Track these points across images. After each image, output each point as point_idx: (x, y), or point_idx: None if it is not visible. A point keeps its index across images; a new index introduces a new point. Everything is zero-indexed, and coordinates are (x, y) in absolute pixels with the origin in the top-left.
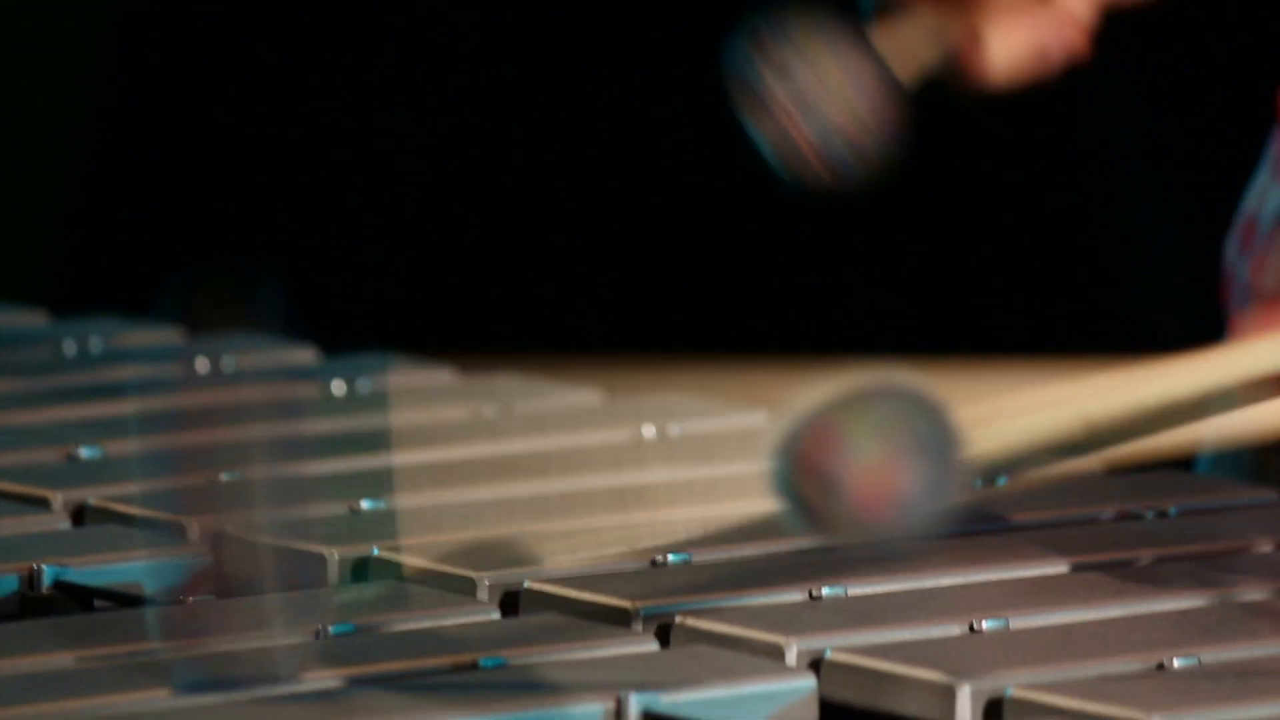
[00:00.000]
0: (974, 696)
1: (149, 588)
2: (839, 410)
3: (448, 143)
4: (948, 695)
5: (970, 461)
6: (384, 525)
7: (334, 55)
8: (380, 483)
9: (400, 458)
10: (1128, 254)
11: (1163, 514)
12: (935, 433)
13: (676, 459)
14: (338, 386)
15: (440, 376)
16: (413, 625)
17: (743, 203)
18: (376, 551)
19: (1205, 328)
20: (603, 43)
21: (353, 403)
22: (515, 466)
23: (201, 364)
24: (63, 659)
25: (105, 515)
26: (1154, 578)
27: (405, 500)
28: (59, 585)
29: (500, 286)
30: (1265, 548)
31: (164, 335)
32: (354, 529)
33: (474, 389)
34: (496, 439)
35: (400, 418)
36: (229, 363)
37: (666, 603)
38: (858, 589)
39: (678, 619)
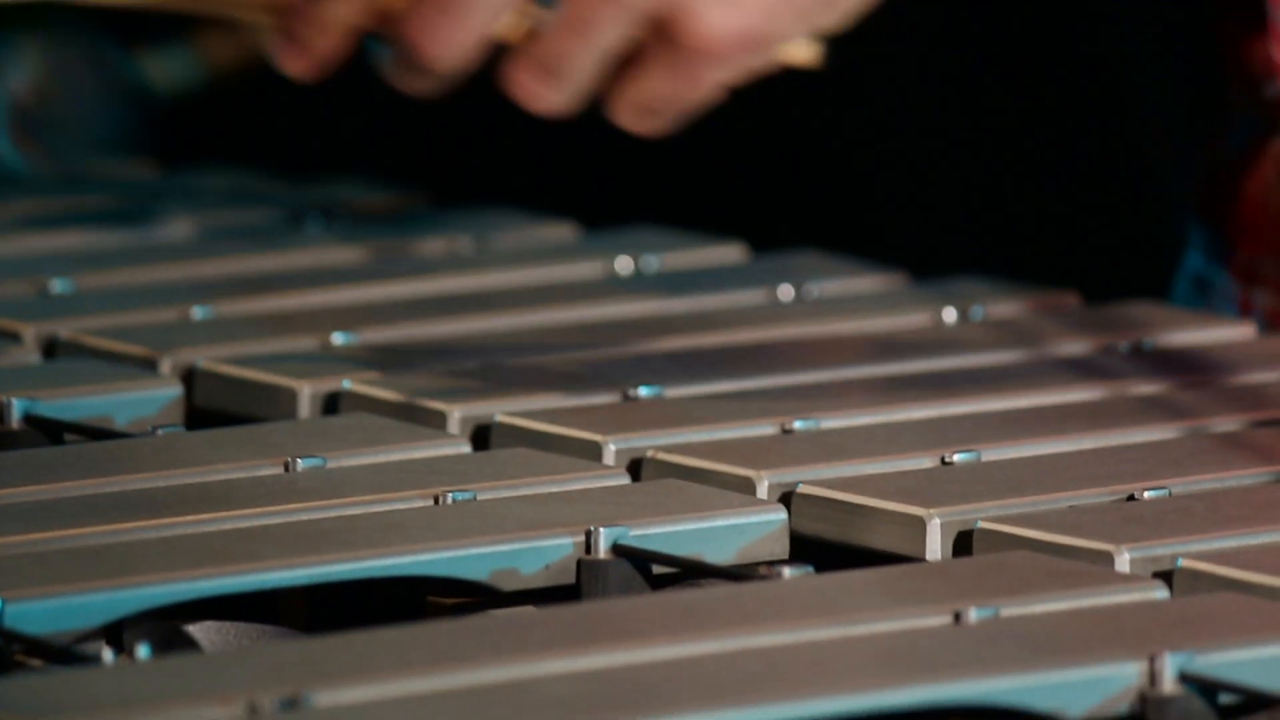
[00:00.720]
0: (944, 529)
1: (120, 421)
2: None
3: None
4: (918, 527)
5: None
6: (356, 359)
7: None
8: (353, 316)
9: (373, 291)
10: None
11: (1137, 346)
12: None
13: (651, 292)
14: (314, 220)
15: (417, 206)
16: (382, 458)
17: None
18: (348, 385)
19: None
20: None
21: (328, 235)
22: (489, 300)
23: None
24: (32, 492)
25: (76, 349)
26: (1126, 410)
27: (377, 334)
28: (29, 419)
29: (479, 119)
30: (1238, 379)
31: (138, 167)
32: (326, 363)
33: (450, 221)
34: (471, 272)
35: (375, 249)
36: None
37: (638, 436)
38: (830, 422)
39: (649, 452)
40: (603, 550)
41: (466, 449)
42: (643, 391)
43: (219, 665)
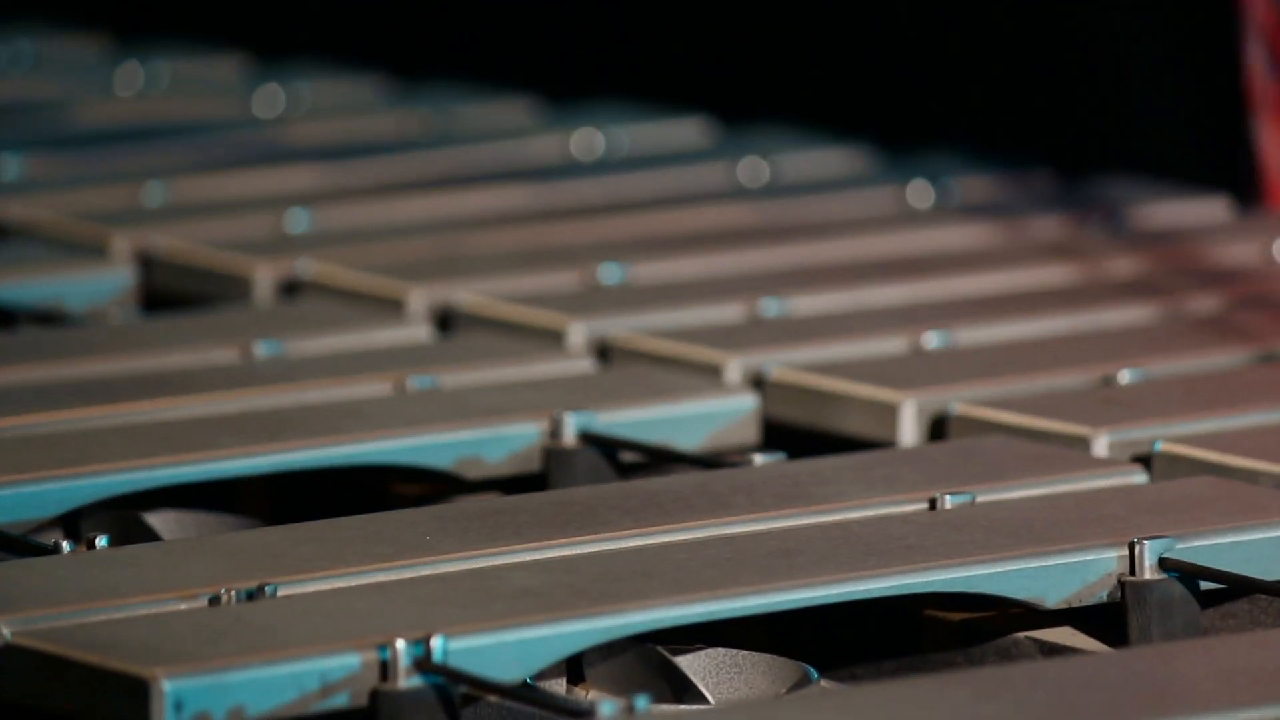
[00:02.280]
0: (918, 413)
1: (73, 306)
2: None
3: None
4: (892, 412)
5: None
6: (313, 240)
7: None
8: (310, 197)
9: (332, 171)
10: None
11: (1112, 223)
12: None
13: (615, 170)
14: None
15: (371, 87)
16: (342, 344)
17: None
18: (306, 269)
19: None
20: None
21: (286, 114)
22: (449, 180)
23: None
24: None
25: (26, 231)
26: (1103, 291)
27: (335, 215)
28: None
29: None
30: (1215, 258)
31: (92, 44)
32: (282, 244)
33: (405, 99)
34: (428, 151)
35: (332, 128)
36: (161, 72)
37: (603, 320)
38: (801, 305)
39: (615, 337)
40: (569, 437)
41: (428, 334)
42: (608, 274)
43: (180, 555)
